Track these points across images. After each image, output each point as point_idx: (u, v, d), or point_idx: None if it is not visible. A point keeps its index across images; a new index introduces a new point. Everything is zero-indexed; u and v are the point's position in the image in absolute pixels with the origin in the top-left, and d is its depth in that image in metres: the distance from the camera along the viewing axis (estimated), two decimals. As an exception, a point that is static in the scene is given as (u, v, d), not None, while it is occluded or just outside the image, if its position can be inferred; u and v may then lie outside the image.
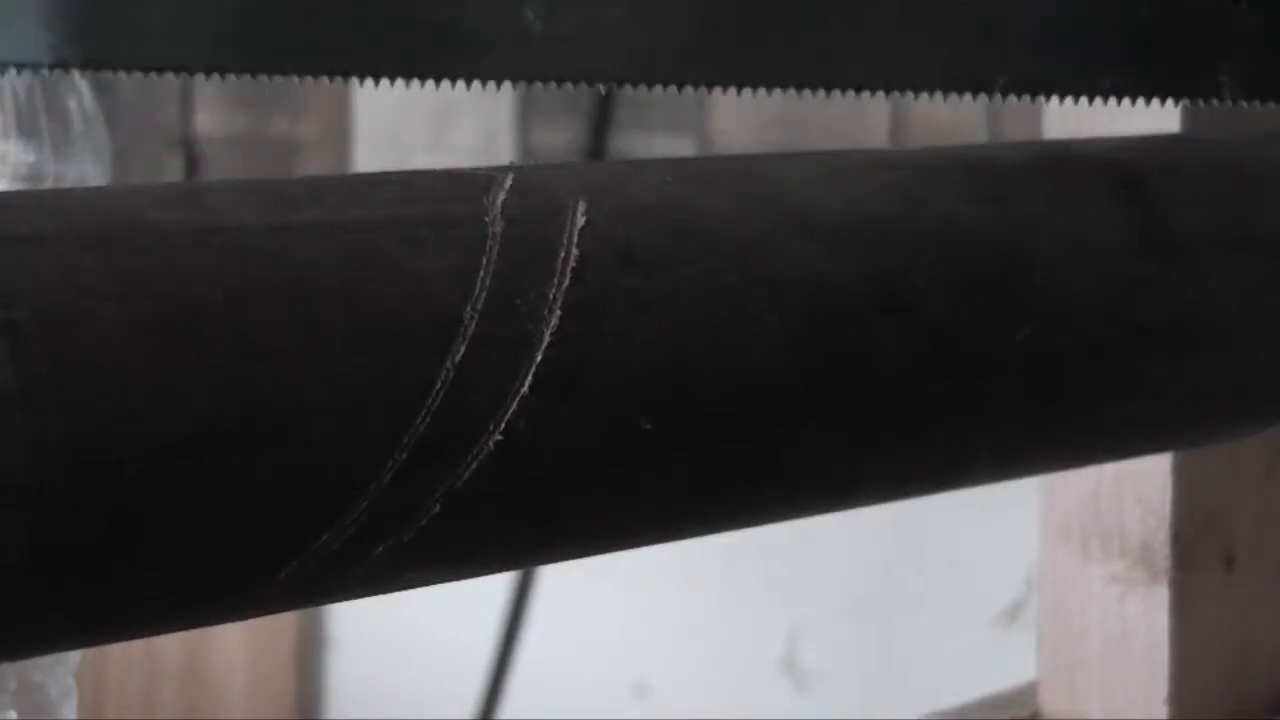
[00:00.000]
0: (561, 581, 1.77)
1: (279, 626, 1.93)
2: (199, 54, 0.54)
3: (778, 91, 0.52)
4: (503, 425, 0.40)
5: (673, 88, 0.52)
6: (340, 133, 1.90)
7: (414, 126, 1.86)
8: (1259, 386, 0.58)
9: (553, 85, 0.51)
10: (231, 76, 0.49)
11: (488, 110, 1.81)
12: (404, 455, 0.39)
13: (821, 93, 0.51)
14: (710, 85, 0.50)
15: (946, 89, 0.50)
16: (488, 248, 0.41)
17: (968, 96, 0.50)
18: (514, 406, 0.41)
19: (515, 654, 1.79)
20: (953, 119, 1.60)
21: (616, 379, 0.43)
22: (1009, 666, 0.95)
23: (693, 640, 1.80)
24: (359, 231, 0.40)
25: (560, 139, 1.77)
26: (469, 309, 0.40)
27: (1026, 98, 0.51)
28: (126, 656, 1.95)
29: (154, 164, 1.94)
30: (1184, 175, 0.58)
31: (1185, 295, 0.55)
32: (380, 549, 0.40)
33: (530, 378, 0.41)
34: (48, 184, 0.79)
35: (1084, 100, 0.51)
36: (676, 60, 0.51)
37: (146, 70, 0.49)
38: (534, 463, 0.41)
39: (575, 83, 0.50)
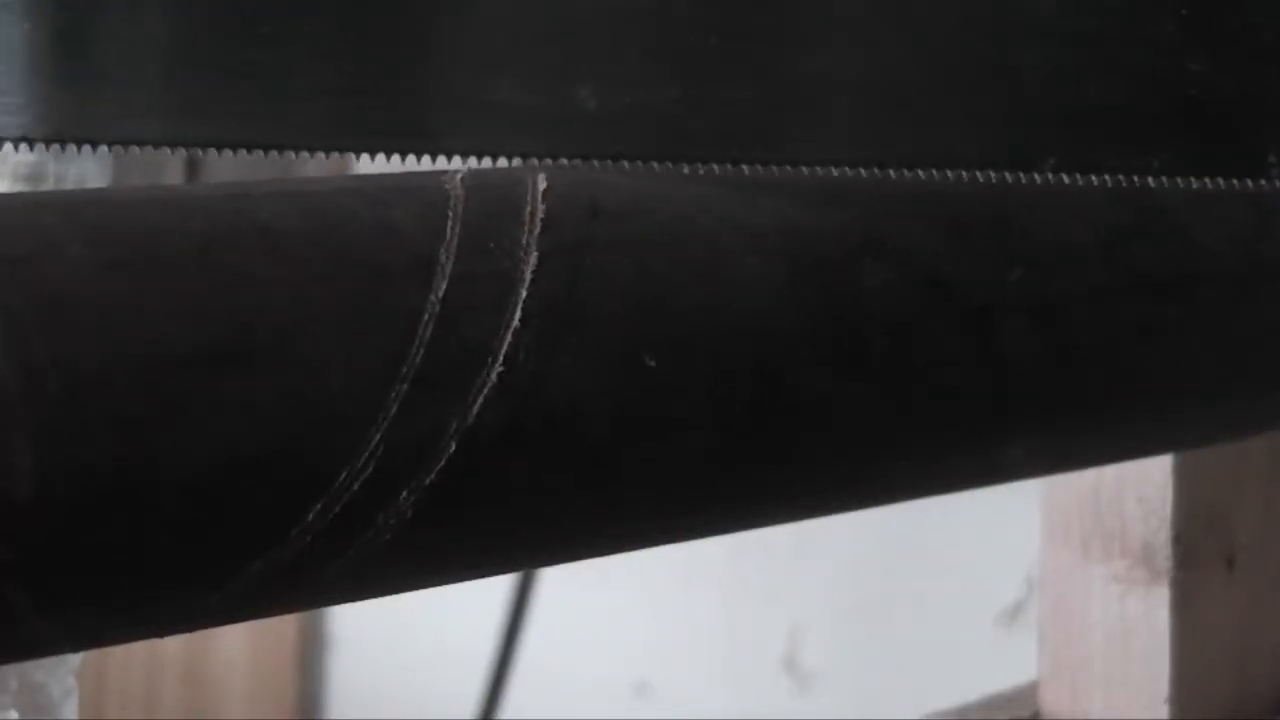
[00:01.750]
0: (562, 581, 1.77)
1: (280, 627, 1.93)
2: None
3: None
4: (501, 357, 0.41)
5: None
6: (341, 132, 1.89)
7: (415, 126, 1.86)
8: (1269, 340, 0.57)
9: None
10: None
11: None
12: (406, 385, 0.40)
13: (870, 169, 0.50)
14: (765, 164, 0.49)
15: (993, 168, 0.50)
16: (452, 204, 0.43)
17: (1017, 174, 0.50)
18: (509, 339, 0.41)
19: (516, 654, 1.79)
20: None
21: (607, 313, 0.43)
22: (1010, 666, 0.95)
23: (694, 640, 1.80)
24: (318, 196, 0.42)
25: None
26: (442, 250, 0.42)
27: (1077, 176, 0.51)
28: (128, 657, 1.95)
29: (155, 163, 1.94)
30: None
31: (1172, 244, 0.55)
32: (404, 493, 0.40)
33: (519, 311, 0.42)
34: (48, 183, 0.79)
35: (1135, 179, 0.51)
36: (729, 139, 0.50)
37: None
38: (542, 399, 0.42)
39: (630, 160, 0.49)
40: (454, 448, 0.40)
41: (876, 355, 0.48)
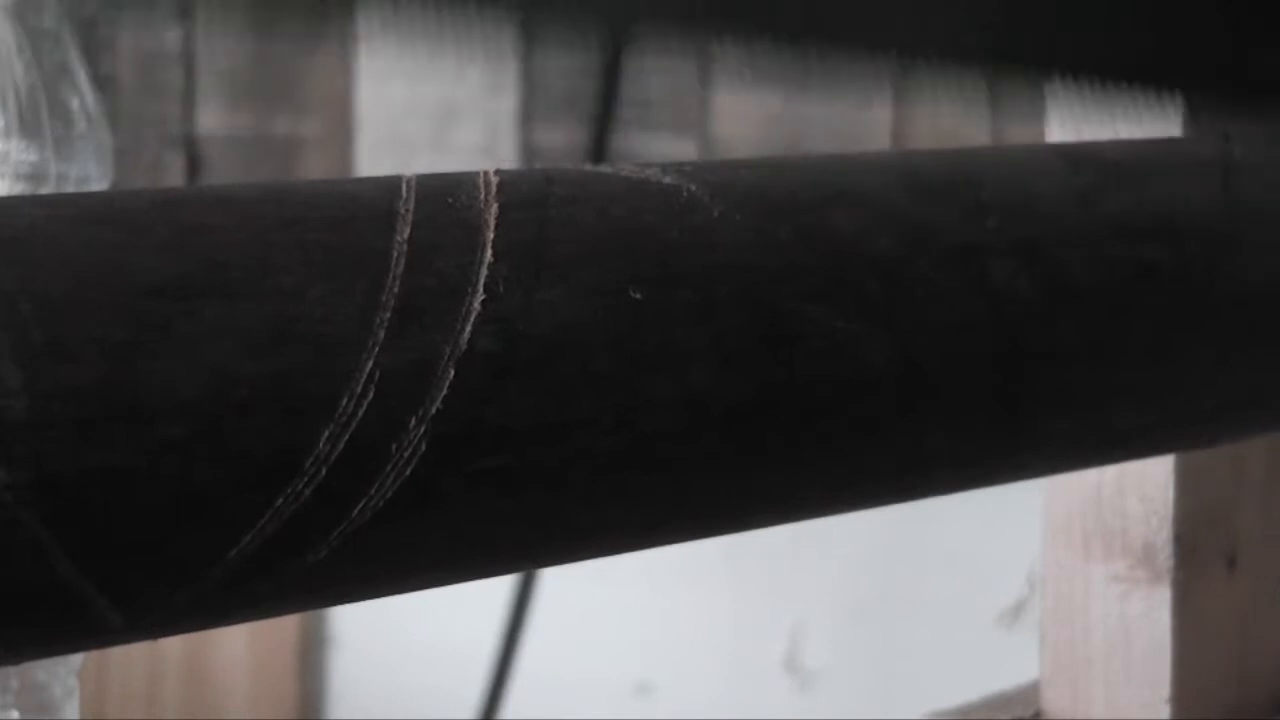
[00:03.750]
0: (563, 581, 1.77)
1: (281, 627, 1.93)
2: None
3: (779, 91, 0.52)
4: (480, 288, 0.42)
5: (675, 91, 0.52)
6: (342, 132, 1.90)
7: (416, 126, 1.86)
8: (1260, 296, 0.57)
9: (555, 84, 0.50)
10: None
11: (489, 110, 1.81)
12: (389, 313, 0.41)
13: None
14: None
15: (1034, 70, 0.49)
16: (405, 180, 0.44)
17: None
18: (484, 272, 0.42)
19: (517, 654, 1.79)
20: (956, 121, 1.60)
21: (581, 252, 0.44)
22: (1011, 666, 0.95)
23: (695, 640, 1.80)
24: (276, 182, 0.43)
25: (562, 138, 1.77)
26: (400, 206, 0.43)
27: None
28: (128, 656, 1.95)
29: (156, 163, 1.94)
30: (1107, 141, 0.59)
31: (1144, 197, 0.55)
32: (413, 421, 0.40)
33: (489, 249, 0.43)
34: (49, 184, 0.79)
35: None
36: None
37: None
38: (534, 329, 0.42)
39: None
40: (453, 374, 0.41)
41: (870, 292, 0.47)
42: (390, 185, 0.43)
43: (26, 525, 0.36)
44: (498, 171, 0.44)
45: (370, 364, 0.40)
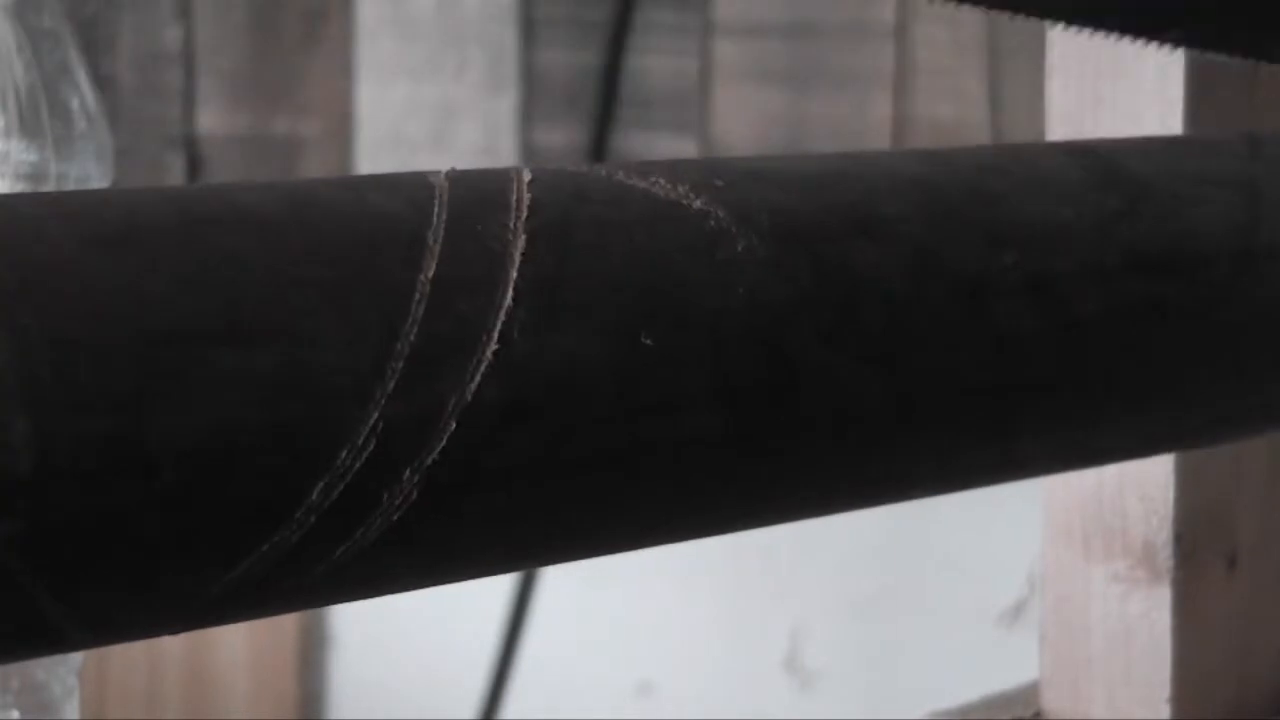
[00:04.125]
0: (564, 581, 1.77)
1: (281, 627, 1.93)
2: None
3: (779, 90, 0.52)
4: (496, 335, 0.41)
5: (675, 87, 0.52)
6: (343, 132, 1.90)
7: (416, 125, 1.86)
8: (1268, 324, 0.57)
9: (555, 84, 0.50)
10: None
11: (489, 109, 1.82)
12: (401, 362, 0.40)
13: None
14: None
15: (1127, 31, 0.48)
16: (437, 194, 0.43)
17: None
18: (502, 317, 0.42)
19: (517, 654, 1.79)
20: (956, 117, 1.60)
21: (600, 290, 0.44)
22: (1011, 666, 0.95)
23: (696, 640, 1.80)
24: (300, 186, 0.43)
25: (562, 138, 1.77)
26: (429, 234, 0.42)
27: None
28: (129, 656, 1.95)
29: (156, 163, 1.94)
30: (1131, 145, 0.59)
31: (1163, 224, 0.55)
32: (408, 472, 0.40)
33: (510, 290, 0.42)
34: (50, 183, 0.79)
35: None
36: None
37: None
38: (541, 377, 0.42)
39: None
40: (455, 425, 0.41)
41: (876, 332, 0.48)
42: (422, 203, 0.42)
43: (17, 574, 0.36)
44: (531, 183, 0.44)
45: (375, 415, 0.39)
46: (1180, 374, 0.55)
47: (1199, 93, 0.78)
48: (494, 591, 1.76)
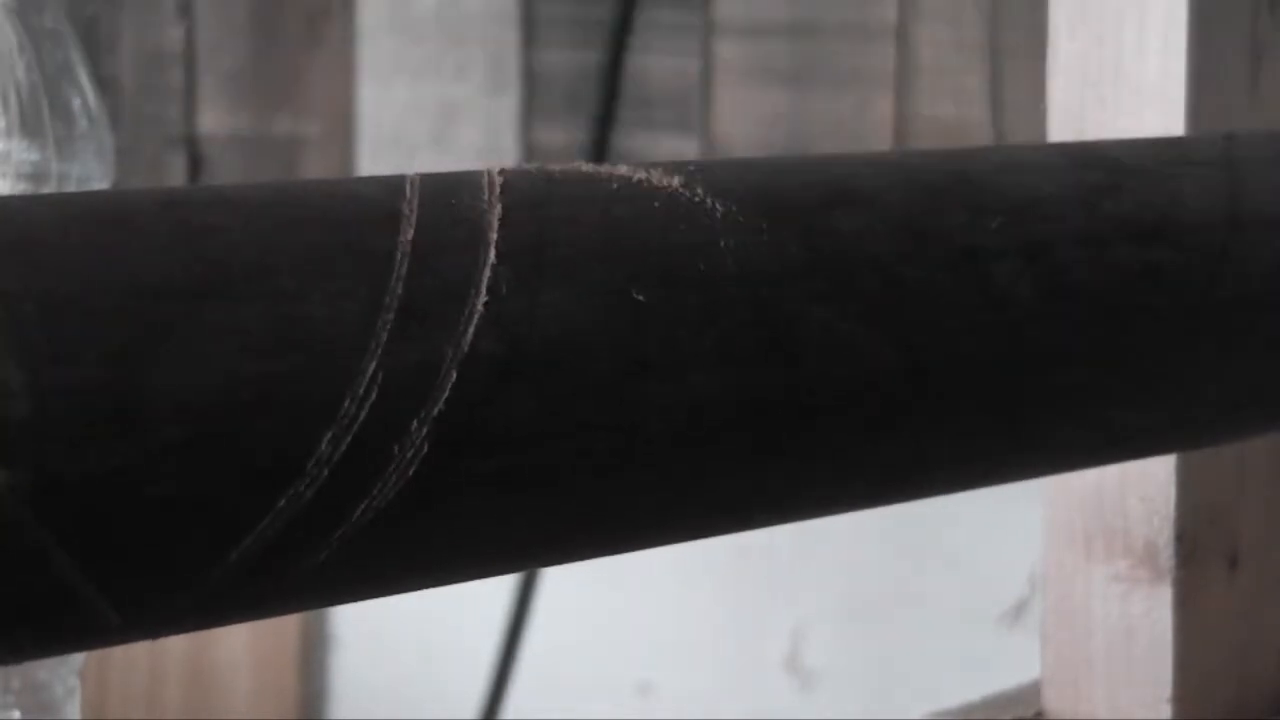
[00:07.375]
0: (565, 581, 1.77)
1: (282, 626, 1.94)
2: None
3: (781, 90, 0.53)
4: (483, 289, 0.42)
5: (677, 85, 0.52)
6: (343, 132, 1.90)
7: (417, 126, 1.86)
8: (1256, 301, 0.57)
9: (555, 84, 0.50)
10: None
11: (490, 109, 1.82)
12: (391, 315, 0.41)
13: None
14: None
15: None
16: (409, 183, 0.44)
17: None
18: (487, 273, 0.42)
19: (519, 653, 1.79)
20: (957, 117, 1.60)
21: (583, 252, 0.44)
22: (1013, 666, 0.95)
23: (697, 640, 1.80)
24: (274, 183, 0.43)
25: (563, 138, 1.78)
26: (404, 206, 0.43)
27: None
28: (130, 656, 1.96)
29: (157, 163, 1.94)
30: (1110, 140, 0.59)
31: (1153, 196, 0.55)
32: (415, 423, 0.40)
33: (492, 250, 0.43)
34: (51, 183, 0.79)
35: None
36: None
37: None
38: (536, 331, 0.42)
39: None
40: (455, 377, 0.41)
41: (872, 294, 0.48)
42: (394, 185, 0.43)
43: (27, 526, 0.36)
44: (501, 171, 0.45)
45: (373, 366, 0.40)
46: (1180, 346, 0.55)
47: (1199, 93, 0.78)
48: (495, 591, 1.76)
